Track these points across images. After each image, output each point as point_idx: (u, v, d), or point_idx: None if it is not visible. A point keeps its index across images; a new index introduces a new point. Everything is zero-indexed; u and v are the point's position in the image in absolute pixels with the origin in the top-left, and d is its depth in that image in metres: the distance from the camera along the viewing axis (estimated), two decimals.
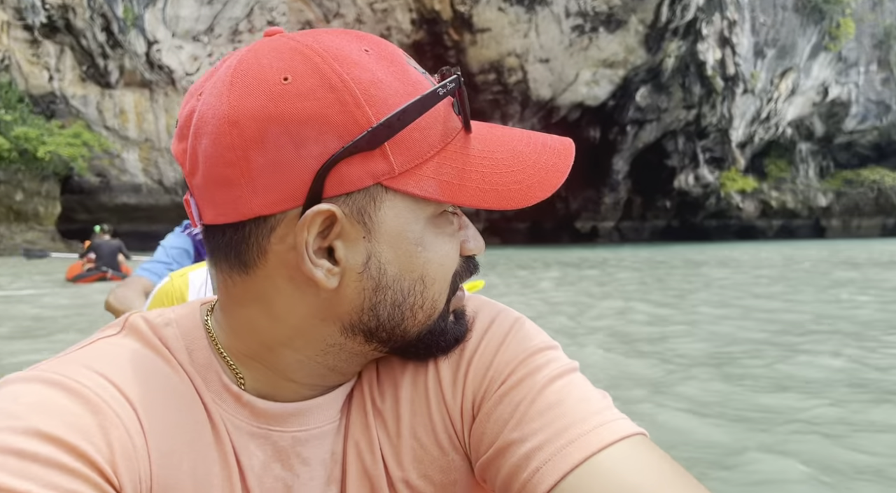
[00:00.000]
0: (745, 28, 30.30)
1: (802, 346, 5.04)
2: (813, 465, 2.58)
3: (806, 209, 38.21)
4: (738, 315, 6.77)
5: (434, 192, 0.49)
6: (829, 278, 11.09)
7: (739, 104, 32.29)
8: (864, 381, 3.95)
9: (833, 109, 35.61)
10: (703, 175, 34.54)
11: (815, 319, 6.45)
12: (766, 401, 3.54)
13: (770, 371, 4.24)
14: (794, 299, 8.19)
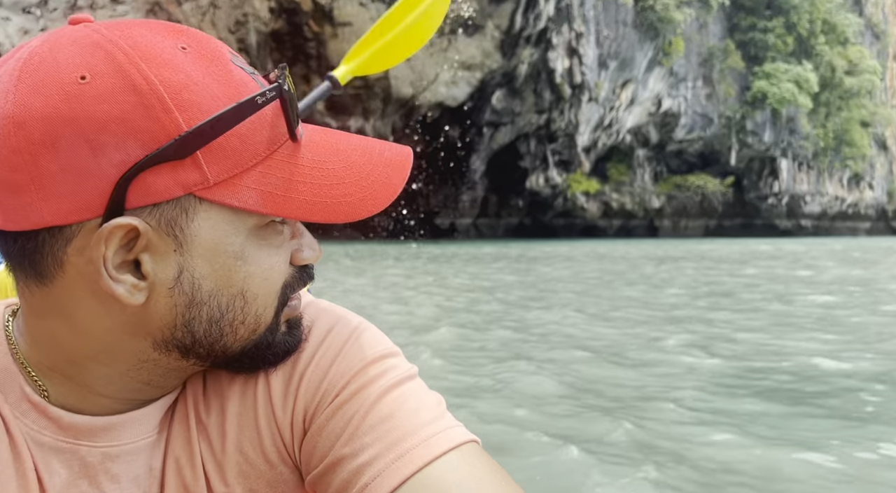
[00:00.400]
0: (590, 40, 32.55)
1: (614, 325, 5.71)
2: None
3: (642, 210, 41.72)
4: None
5: (255, 203, 0.45)
6: (629, 274, 12.39)
7: (585, 111, 34.61)
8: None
9: (666, 119, 39.14)
10: (553, 177, 36.67)
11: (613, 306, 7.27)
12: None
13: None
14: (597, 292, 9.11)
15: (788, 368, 4.51)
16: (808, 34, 40.17)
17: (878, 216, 52.78)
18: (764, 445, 2.90)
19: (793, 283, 10.74)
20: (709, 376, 4.27)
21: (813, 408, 3.56)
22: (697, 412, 3.40)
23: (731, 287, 10.05)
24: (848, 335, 5.76)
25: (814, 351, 4.99)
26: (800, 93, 37.57)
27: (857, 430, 3.17)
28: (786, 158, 42.12)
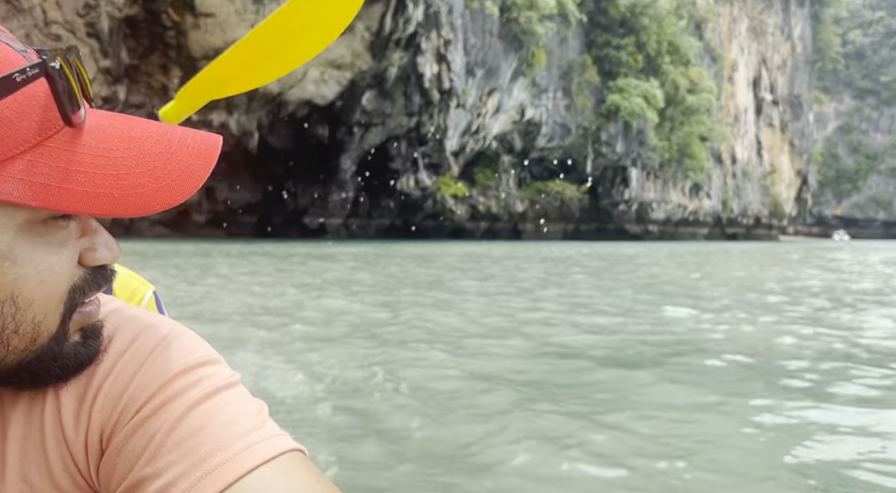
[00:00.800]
0: (458, 47, 33.58)
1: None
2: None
3: (507, 214, 43.50)
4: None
5: (23, 196, 0.40)
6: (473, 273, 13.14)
7: (453, 116, 35.62)
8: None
9: (529, 127, 41.12)
10: (422, 179, 37.39)
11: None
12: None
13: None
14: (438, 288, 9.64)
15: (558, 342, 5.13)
16: (656, 54, 43.83)
17: (714, 223, 58.48)
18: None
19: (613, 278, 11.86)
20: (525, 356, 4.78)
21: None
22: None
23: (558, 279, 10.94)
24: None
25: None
26: (648, 107, 40.87)
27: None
28: (636, 167, 45.62)
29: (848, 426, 3.11)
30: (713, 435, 2.97)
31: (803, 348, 5.15)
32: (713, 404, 3.44)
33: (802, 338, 5.56)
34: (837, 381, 4.04)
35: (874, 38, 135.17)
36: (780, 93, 64.83)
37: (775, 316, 7.05)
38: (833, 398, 3.62)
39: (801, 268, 17.34)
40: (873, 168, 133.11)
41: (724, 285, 11.28)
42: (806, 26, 68.42)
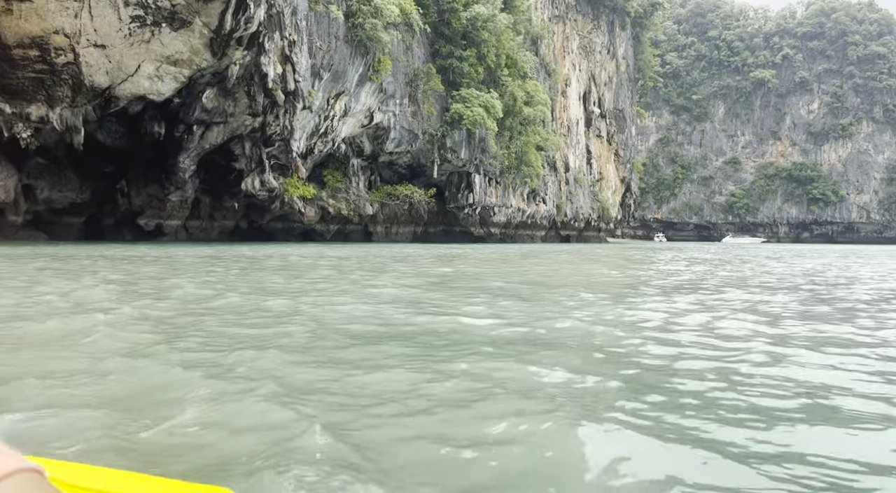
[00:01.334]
0: (303, 49, 33.55)
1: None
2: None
3: (357, 216, 43.96)
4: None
5: None
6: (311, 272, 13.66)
7: (300, 118, 35.48)
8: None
9: (377, 132, 41.88)
10: (269, 180, 36.82)
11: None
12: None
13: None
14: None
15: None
16: (496, 66, 46.47)
17: (550, 226, 62.87)
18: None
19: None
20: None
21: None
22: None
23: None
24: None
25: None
26: (488, 117, 43.22)
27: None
28: (479, 174, 48.00)
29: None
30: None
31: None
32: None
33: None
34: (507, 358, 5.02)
35: (687, 60, 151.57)
36: (606, 107, 71.17)
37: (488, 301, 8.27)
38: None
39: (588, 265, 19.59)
40: (687, 177, 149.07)
41: (501, 278, 12.65)
42: (628, 47, 75.69)
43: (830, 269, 19.37)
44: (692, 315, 7.21)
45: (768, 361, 4.64)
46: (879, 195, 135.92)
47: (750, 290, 11.04)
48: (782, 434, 2.98)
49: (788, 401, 3.55)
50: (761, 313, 7.61)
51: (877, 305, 8.92)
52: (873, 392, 3.77)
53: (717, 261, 24.76)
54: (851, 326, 6.64)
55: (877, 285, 12.97)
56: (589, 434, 2.82)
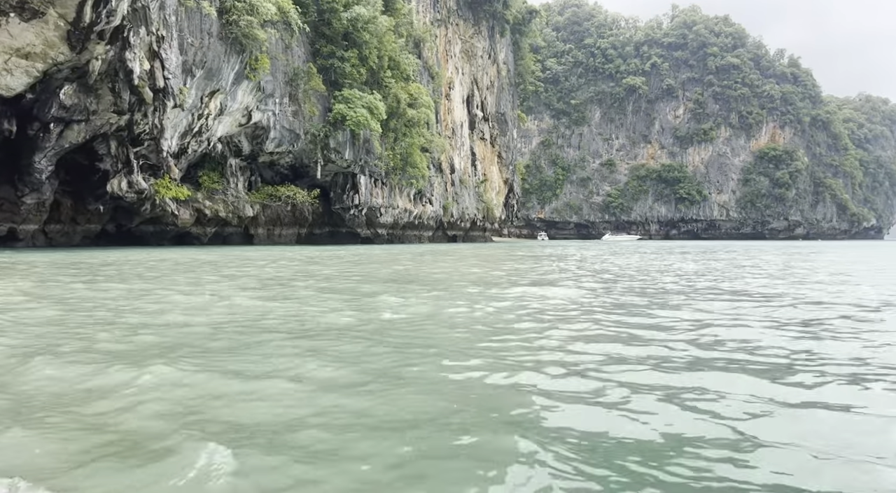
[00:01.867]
0: (173, 45, 32.10)
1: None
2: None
3: (236, 218, 42.57)
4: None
5: None
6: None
7: (171, 117, 33.92)
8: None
9: (256, 131, 40.80)
10: (138, 181, 34.89)
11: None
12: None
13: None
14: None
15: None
16: (378, 68, 46.57)
17: (437, 226, 63.82)
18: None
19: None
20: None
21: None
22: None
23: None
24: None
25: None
26: (372, 118, 43.24)
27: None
28: (364, 174, 47.91)
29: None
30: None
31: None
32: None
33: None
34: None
35: (566, 66, 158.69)
36: (489, 110, 73.19)
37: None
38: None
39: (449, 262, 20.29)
40: (568, 178, 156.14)
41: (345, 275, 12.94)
42: (508, 52, 78.25)
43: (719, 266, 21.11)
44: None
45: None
46: (737, 195, 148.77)
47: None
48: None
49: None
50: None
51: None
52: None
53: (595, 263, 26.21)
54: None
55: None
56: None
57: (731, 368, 4.59)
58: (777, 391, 3.91)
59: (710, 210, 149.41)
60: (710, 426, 3.20)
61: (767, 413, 3.45)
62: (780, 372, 4.44)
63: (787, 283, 12.97)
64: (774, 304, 8.85)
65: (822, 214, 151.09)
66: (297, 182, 46.70)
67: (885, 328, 6.68)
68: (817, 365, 4.73)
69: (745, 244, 71.32)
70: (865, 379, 4.30)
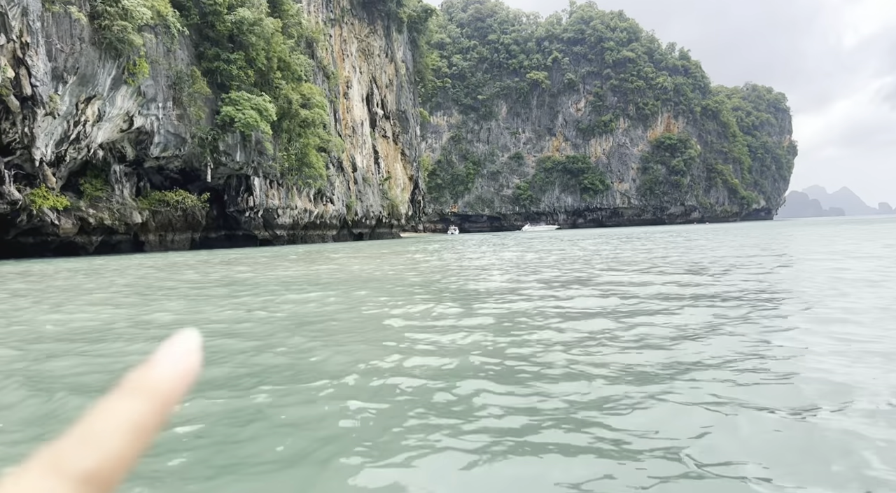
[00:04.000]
0: (40, 51, 31.20)
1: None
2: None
3: (123, 225, 41.65)
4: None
5: None
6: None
7: (43, 125, 32.95)
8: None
9: (140, 136, 40.04)
10: (10, 192, 33.70)
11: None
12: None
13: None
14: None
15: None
16: (267, 69, 46.52)
17: (341, 225, 64.22)
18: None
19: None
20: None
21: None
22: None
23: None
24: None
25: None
26: (261, 120, 43.23)
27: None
28: (258, 176, 47.80)
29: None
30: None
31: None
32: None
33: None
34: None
35: (472, 62, 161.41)
36: (389, 108, 74.04)
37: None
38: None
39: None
40: (478, 172, 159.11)
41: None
42: (407, 51, 79.29)
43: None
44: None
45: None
46: (637, 183, 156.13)
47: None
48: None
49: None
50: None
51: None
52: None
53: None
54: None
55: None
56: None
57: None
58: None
59: (613, 199, 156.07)
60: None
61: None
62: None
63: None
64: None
65: (715, 199, 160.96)
66: (188, 186, 46.08)
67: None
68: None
69: (653, 229, 75.13)
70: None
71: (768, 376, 4.17)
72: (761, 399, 3.66)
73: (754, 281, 10.28)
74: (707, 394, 3.78)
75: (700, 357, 4.77)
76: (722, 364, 4.55)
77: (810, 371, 4.29)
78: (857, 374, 4.17)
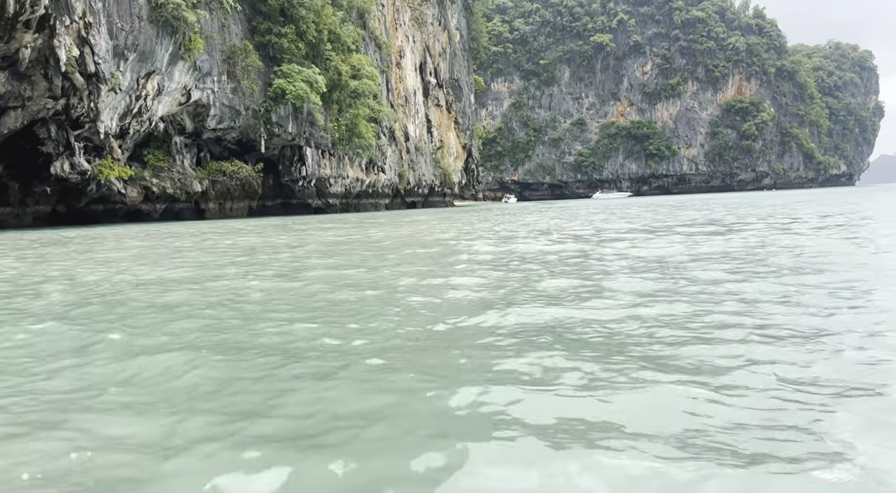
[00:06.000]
0: (102, 31, 33.28)
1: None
2: None
3: (184, 194, 44.19)
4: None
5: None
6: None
7: (107, 99, 35.26)
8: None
9: (197, 109, 42.15)
10: (80, 163, 36.40)
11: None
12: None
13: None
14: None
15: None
16: (318, 41, 47.70)
17: (394, 193, 65.60)
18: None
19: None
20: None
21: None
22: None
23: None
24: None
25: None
26: (311, 92, 44.61)
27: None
28: (310, 146, 49.45)
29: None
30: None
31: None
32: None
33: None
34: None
35: (533, 26, 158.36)
36: (443, 77, 74.30)
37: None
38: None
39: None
40: (539, 139, 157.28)
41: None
42: (461, 18, 78.96)
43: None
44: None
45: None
46: (705, 148, 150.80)
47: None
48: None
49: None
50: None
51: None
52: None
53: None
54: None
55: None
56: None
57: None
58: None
59: (680, 165, 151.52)
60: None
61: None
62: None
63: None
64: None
65: (788, 164, 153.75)
66: (245, 157, 48.20)
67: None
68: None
69: (728, 196, 72.42)
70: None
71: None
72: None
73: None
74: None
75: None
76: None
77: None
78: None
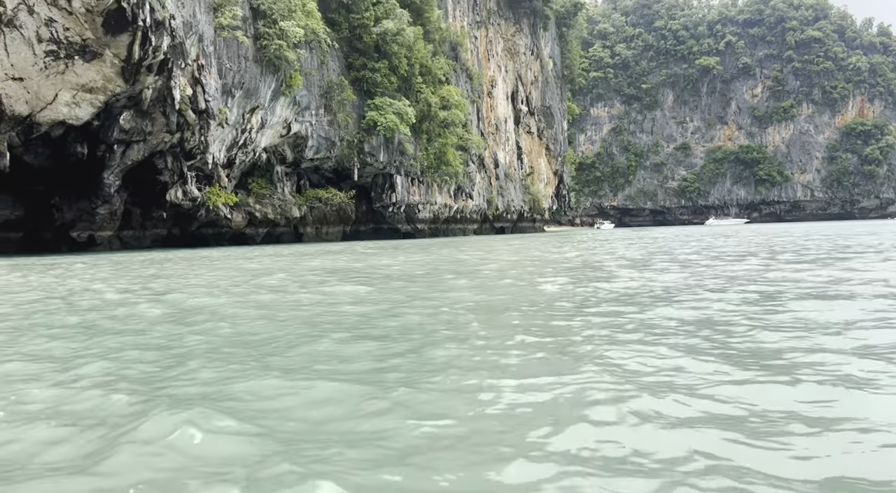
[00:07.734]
0: (212, 71, 36.93)
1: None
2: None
3: (284, 219, 47.45)
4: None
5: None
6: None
7: (215, 133, 38.89)
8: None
9: (297, 141, 45.38)
10: (191, 191, 40.21)
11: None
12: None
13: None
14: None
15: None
16: (409, 75, 50.10)
17: (482, 219, 66.80)
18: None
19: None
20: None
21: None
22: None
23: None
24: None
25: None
26: (402, 123, 46.87)
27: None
28: (399, 174, 51.68)
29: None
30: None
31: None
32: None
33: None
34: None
35: (636, 50, 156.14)
36: (534, 104, 75.17)
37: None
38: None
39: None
40: (640, 164, 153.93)
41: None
42: (554, 46, 79.72)
43: None
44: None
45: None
46: (822, 174, 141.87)
47: None
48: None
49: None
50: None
51: None
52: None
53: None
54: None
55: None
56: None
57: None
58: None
59: (794, 191, 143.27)
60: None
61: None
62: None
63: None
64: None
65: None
66: (340, 184, 51.09)
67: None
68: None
69: (866, 224, 67.50)
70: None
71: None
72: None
73: None
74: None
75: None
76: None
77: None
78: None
